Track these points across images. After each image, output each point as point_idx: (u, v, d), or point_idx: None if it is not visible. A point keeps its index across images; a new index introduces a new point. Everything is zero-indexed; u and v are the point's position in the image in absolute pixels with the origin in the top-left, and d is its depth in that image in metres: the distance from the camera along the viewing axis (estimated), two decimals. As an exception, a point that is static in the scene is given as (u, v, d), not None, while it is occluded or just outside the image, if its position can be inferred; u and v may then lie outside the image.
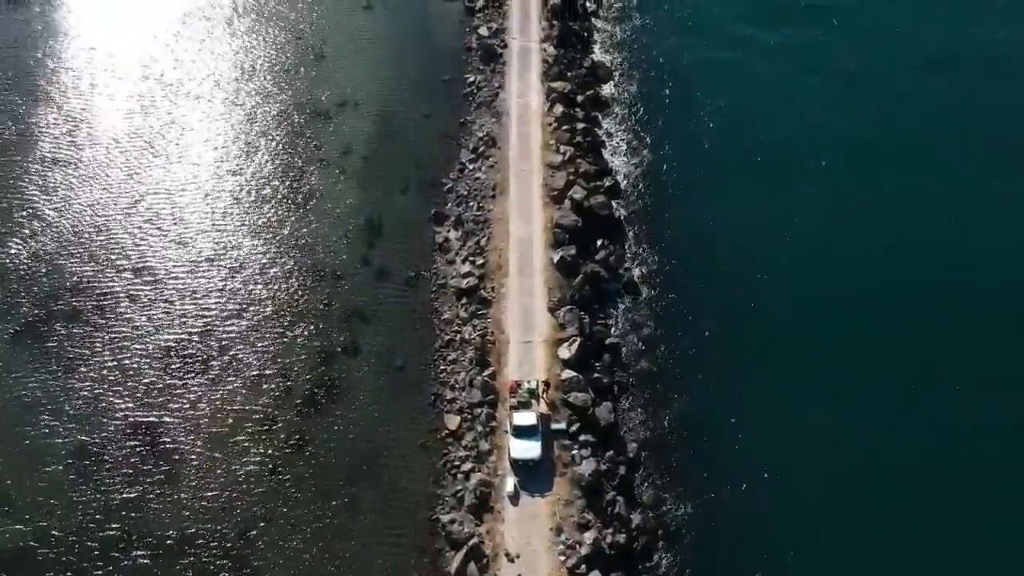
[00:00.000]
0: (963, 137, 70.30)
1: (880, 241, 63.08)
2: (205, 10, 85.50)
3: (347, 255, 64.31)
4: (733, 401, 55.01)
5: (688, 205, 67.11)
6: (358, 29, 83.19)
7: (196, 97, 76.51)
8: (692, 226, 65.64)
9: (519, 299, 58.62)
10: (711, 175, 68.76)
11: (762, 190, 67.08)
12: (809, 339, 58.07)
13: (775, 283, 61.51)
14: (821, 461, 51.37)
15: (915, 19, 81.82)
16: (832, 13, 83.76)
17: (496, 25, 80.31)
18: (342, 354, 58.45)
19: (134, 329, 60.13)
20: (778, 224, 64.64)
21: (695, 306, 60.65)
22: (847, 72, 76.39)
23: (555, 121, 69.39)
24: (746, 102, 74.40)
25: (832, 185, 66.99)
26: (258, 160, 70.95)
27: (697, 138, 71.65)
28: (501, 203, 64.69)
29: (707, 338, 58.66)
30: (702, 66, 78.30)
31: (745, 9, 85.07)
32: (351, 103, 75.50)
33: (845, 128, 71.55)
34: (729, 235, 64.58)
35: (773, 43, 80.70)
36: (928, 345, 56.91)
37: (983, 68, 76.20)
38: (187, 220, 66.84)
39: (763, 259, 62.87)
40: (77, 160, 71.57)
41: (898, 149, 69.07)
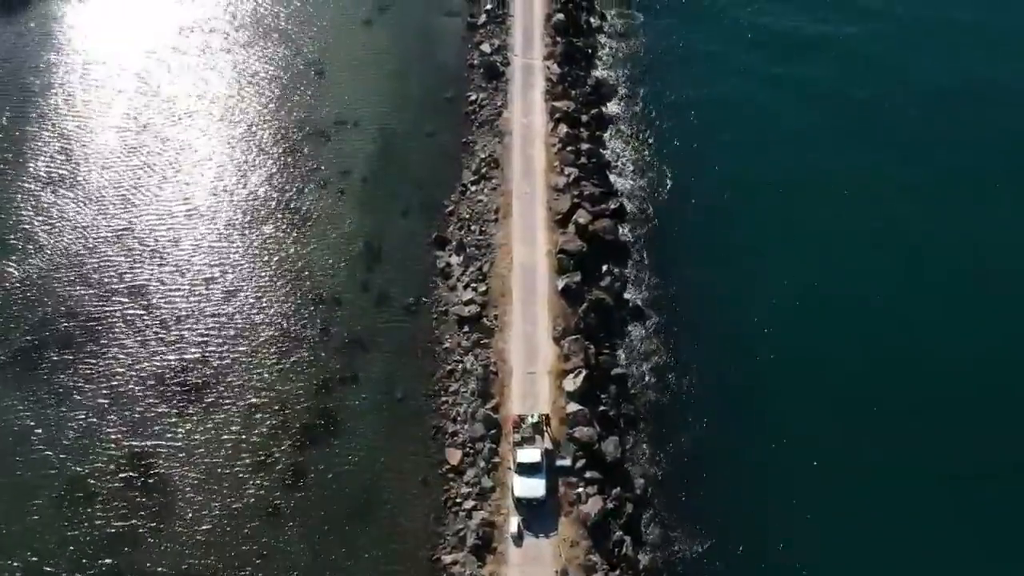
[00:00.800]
0: (980, 169, 69.02)
1: (893, 270, 62.06)
2: (203, 24, 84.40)
3: (346, 280, 63.23)
4: (743, 433, 54.11)
5: (695, 228, 66.13)
6: (358, 44, 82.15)
7: (192, 114, 75.50)
8: (699, 250, 64.74)
9: (522, 328, 57.53)
10: (718, 197, 67.76)
11: (771, 213, 66.10)
12: (820, 368, 57.22)
13: (785, 310, 60.55)
14: (835, 497, 50.30)
15: (926, 51, 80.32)
16: (845, 37, 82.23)
17: (498, 42, 79.29)
18: (340, 383, 57.41)
19: (128, 355, 59.22)
20: (788, 249, 63.59)
21: (703, 333, 59.65)
22: (859, 98, 75.28)
23: (559, 142, 68.35)
24: (755, 122, 73.45)
25: (843, 211, 66.00)
26: (255, 180, 69.90)
27: (704, 158, 70.62)
28: (504, 227, 63.60)
29: (715, 366, 57.64)
30: (709, 84, 77.26)
31: (754, 27, 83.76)
32: (351, 121, 74.44)
33: (856, 155, 70.56)
34: (737, 259, 63.63)
35: (783, 64, 79.50)
36: (945, 375, 55.85)
37: (1003, 101, 74.57)
38: (181, 242, 65.82)
39: (772, 285, 61.86)
40: (71, 179, 70.66)
41: (911, 178, 67.97)
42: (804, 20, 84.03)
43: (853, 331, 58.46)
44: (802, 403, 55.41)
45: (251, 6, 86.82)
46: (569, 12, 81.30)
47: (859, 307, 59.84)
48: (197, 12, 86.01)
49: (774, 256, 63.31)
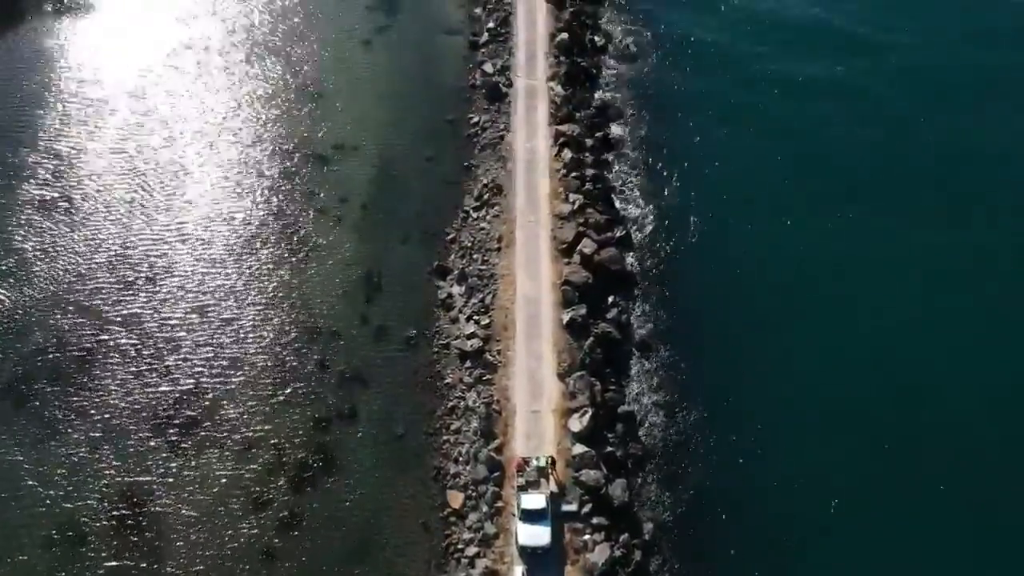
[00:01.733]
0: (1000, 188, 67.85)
1: (911, 302, 60.63)
2: (199, 42, 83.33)
3: (344, 311, 62.00)
4: (754, 473, 52.94)
5: (703, 256, 64.94)
6: (357, 65, 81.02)
7: (188, 136, 74.34)
8: (707, 279, 63.56)
9: (526, 363, 56.28)
10: (727, 225, 66.51)
11: (782, 241, 64.76)
12: (836, 404, 55.99)
13: (797, 343, 59.34)
14: (851, 541, 49.08)
15: (952, 60, 79.07)
16: (862, 52, 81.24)
17: (501, 61, 78.11)
18: (338, 419, 56.24)
19: (120, 386, 58.01)
20: (801, 280, 62.33)
21: (711, 366, 58.48)
22: (874, 134, 73.70)
23: (563, 167, 67.22)
24: (765, 148, 72.04)
25: (859, 241, 64.57)
26: (251, 206, 68.71)
27: (712, 184, 69.41)
28: (507, 257, 62.37)
29: (725, 402, 56.52)
30: (718, 105, 76.02)
31: (765, 46, 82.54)
32: (349, 145, 73.26)
33: (875, 179, 69.24)
34: (747, 290, 62.36)
35: (796, 83, 78.13)
36: (964, 415, 54.51)
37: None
38: (175, 269, 64.70)
39: (784, 316, 60.67)
40: (64, 203, 69.34)
41: (935, 203, 66.53)
42: (819, 47, 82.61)
43: (871, 368, 57.21)
44: (817, 441, 54.29)
45: (248, 24, 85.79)
46: (573, 31, 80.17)
47: (876, 341, 58.55)
48: (194, 30, 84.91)
49: (786, 286, 62.11)
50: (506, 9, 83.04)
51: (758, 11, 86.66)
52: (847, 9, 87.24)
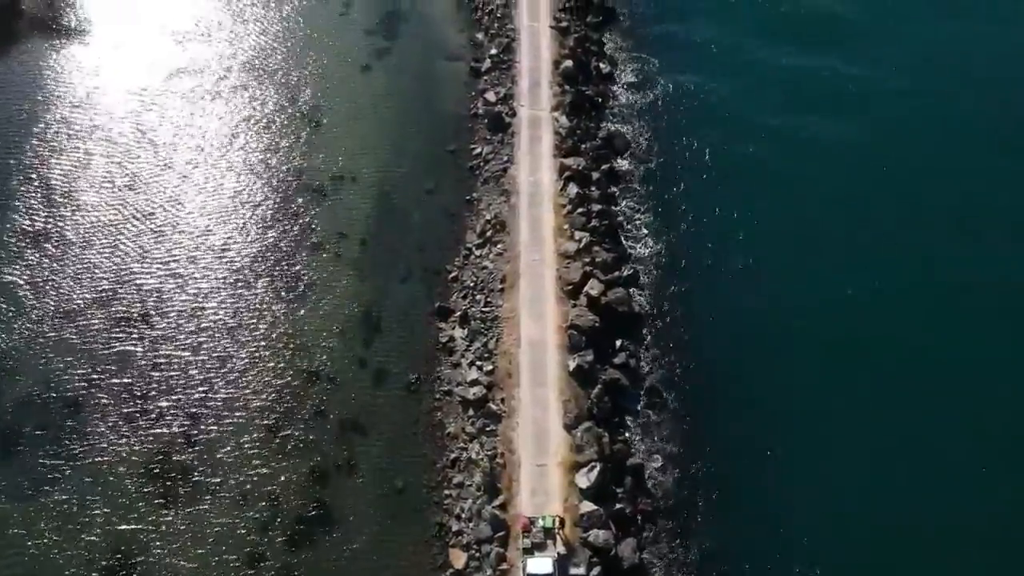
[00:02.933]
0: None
1: (925, 344, 59.13)
2: (196, 67, 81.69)
3: (342, 353, 60.53)
4: (769, 528, 51.36)
5: (713, 296, 63.46)
6: (356, 91, 79.49)
7: (182, 164, 72.60)
8: (717, 321, 62.09)
9: (531, 412, 54.70)
10: (737, 262, 65.07)
11: (794, 279, 63.23)
12: (852, 453, 54.34)
13: (810, 388, 57.64)
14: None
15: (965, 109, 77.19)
16: (876, 96, 78.93)
17: (504, 90, 76.54)
18: (336, 470, 54.81)
19: (111, 430, 56.58)
20: (814, 320, 60.63)
21: (722, 414, 57.19)
22: (885, 163, 72.28)
23: (569, 203, 65.72)
24: (776, 180, 70.44)
25: (873, 284, 62.94)
26: (247, 241, 67.14)
27: (723, 219, 67.88)
28: (511, 298, 60.77)
29: (737, 452, 55.09)
30: (729, 137, 74.21)
31: (776, 70, 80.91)
32: (348, 176, 71.76)
33: (888, 221, 67.71)
34: (758, 332, 60.90)
35: (807, 121, 76.54)
36: (983, 455, 53.05)
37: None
38: (167, 307, 63.20)
39: (797, 359, 59.02)
40: (56, 235, 67.71)
41: (946, 247, 64.96)
42: (829, 73, 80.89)
43: (888, 414, 55.67)
44: (834, 493, 52.73)
45: (246, 48, 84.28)
46: (578, 58, 78.60)
47: (892, 386, 56.93)
48: (189, 54, 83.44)
49: (799, 328, 60.38)
50: (509, 35, 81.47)
51: (767, 35, 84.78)
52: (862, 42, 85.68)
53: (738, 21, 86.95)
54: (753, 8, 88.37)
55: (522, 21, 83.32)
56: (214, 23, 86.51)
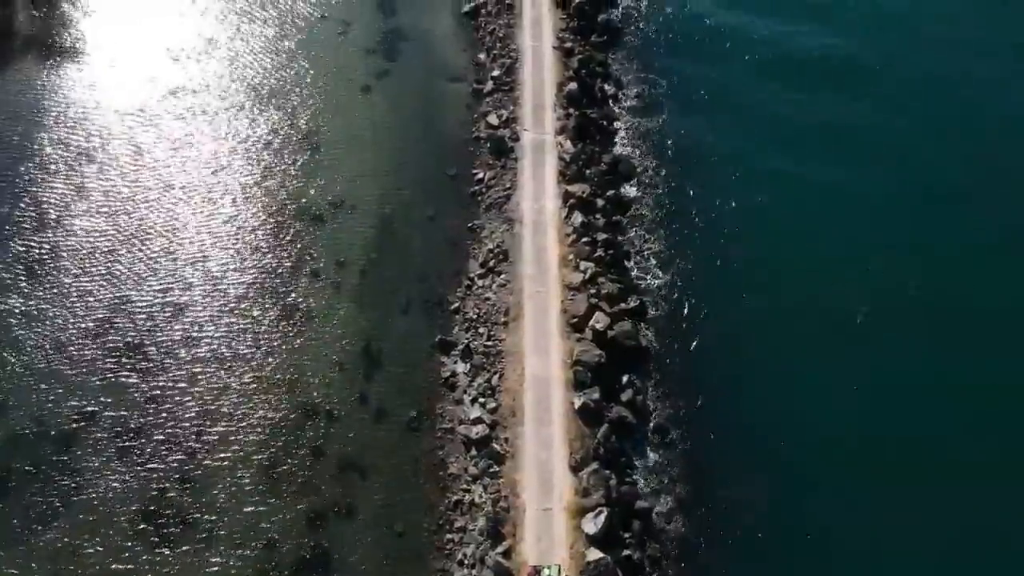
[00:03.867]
0: None
1: (953, 385, 57.69)
2: (191, 89, 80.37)
3: (341, 389, 59.20)
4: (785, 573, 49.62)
5: (722, 329, 62.09)
6: (356, 114, 78.29)
7: (177, 190, 71.45)
8: (727, 355, 60.72)
9: (536, 453, 53.38)
10: (749, 294, 63.54)
11: (808, 316, 61.83)
12: (865, 500, 52.82)
13: (826, 428, 56.12)
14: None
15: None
16: (888, 131, 77.13)
17: (506, 113, 75.33)
18: (335, 514, 53.42)
19: (104, 467, 55.17)
20: (828, 358, 59.22)
21: (733, 454, 55.74)
22: (899, 204, 70.40)
23: (574, 232, 64.46)
24: (790, 207, 68.94)
25: (890, 317, 61.63)
26: (242, 269, 65.89)
27: (733, 247, 66.36)
28: (515, 332, 59.49)
29: (748, 495, 53.51)
30: (738, 161, 72.85)
31: (789, 94, 79.53)
32: (347, 203, 70.48)
33: (901, 249, 66.15)
34: (769, 367, 59.43)
35: (825, 137, 75.05)
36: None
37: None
38: (161, 337, 61.87)
39: (811, 397, 57.56)
40: (49, 262, 66.38)
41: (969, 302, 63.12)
42: (846, 98, 79.57)
43: (909, 453, 54.28)
44: (846, 540, 51.20)
45: (243, 68, 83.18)
46: (582, 80, 77.44)
47: (924, 426, 55.57)
48: (186, 74, 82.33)
49: (814, 365, 58.88)
50: (511, 56, 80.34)
51: (779, 56, 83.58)
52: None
53: (748, 42, 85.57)
54: (765, 30, 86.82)
55: (525, 41, 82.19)
56: (210, 43, 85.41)
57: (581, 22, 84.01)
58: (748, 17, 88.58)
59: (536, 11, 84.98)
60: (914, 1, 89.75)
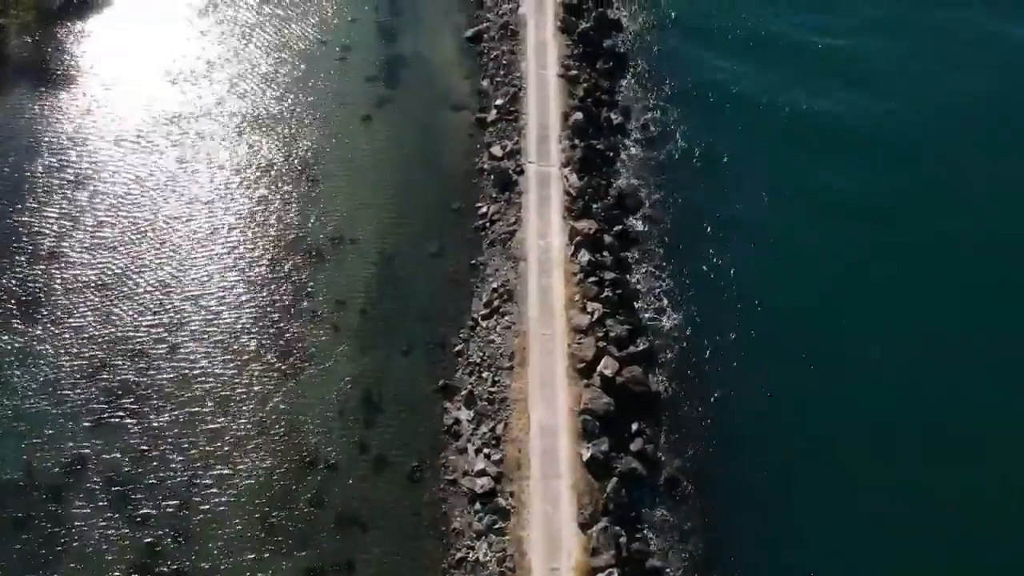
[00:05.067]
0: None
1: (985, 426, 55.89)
2: (186, 116, 78.91)
3: (341, 437, 57.75)
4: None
5: (737, 373, 60.53)
6: (356, 144, 76.75)
7: (171, 226, 69.65)
8: (741, 400, 59.08)
9: (542, 508, 51.73)
10: (764, 334, 61.87)
11: (825, 357, 60.13)
12: (894, 551, 50.97)
13: (847, 477, 54.48)
14: None
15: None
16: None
17: (510, 144, 73.79)
18: (333, 571, 52.20)
19: (97, 516, 53.59)
20: (848, 402, 57.80)
21: (747, 508, 54.06)
22: (916, 237, 68.69)
23: (580, 271, 62.90)
24: (807, 245, 67.22)
25: (909, 358, 60.22)
26: (239, 309, 64.46)
27: (747, 287, 64.58)
28: (520, 377, 57.89)
29: (766, 554, 51.77)
30: (750, 194, 70.89)
31: (803, 121, 77.83)
32: (347, 239, 68.91)
33: (919, 286, 64.42)
34: (785, 412, 57.78)
35: (841, 166, 73.14)
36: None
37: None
38: (152, 380, 60.25)
39: (830, 444, 55.95)
40: (42, 299, 64.74)
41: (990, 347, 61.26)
42: (867, 130, 77.48)
43: (942, 520, 52.38)
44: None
45: (240, 96, 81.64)
46: (588, 109, 75.85)
47: (949, 495, 53.55)
48: (180, 101, 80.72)
49: (831, 410, 57.36)
50: (515, 84, 78.79)
51: (793, 81, 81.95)
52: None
53: (758, 65, 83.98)
54: (775, 52, 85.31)
55: (529, 69, 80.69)
56: (207, 68, 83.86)
57: (586, 48, 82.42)
58: (759, 40, 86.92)
59: (540, 36, 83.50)
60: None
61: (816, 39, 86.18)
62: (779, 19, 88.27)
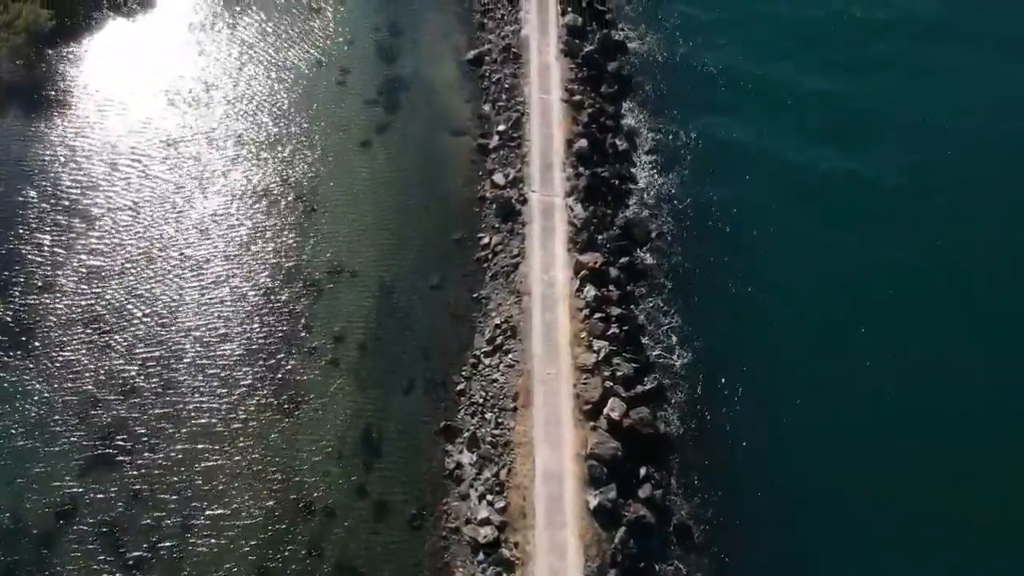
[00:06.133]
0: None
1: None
2: (181, 140, 77.45)
3: (339, 481, 56.25)
4: None
5: (749, 413, 58.79)
6: (355, 171, 75.37)
7: (165, 257, 68.04)
8: (753, 442, 57.50)
9: (548, 560, 50.26)
10: (778, 372, 60.31)
11: (841, 397, 58.65)
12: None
13: (866, 526, 53.05)
14: None
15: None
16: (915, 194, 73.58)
17: (513, 171, 72.32)
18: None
19: (87, 561, 52.05)
20: (867, 446, 56.17)
21: (764, 558, 52.06)
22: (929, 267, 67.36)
23: (585, 306, 61.32)
24: (822, 275, 65.97)
25: (927, 391, 58.89)
26: (232, 344, 62.90)
27: (758, 322, 63.05)
28: (524, 419, 56.34)
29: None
30: (762, 224, 69.24)
31: (815, 148, 76.24)
32: (346, 270, 67.41)
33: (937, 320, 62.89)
34: (803, 454, 56.36)
35: (854, 194, 71.76)
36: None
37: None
38: (148, 416, 58.73)
39: (850, 494, 54.32)
40: (31, 332, 63.25)
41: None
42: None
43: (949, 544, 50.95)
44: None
45: (235, 120, 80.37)
46: (593, 135, 74.39)
47: (954, 531, 52.27)
48: (175, 125, 79.47)
49: (849, 452, 55.80)
50: (518, 109, 77.35)
51: (802, 107, 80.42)
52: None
53: (767, 90, 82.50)
54: (786, 76, 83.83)
55: (532, 92, 79.26)
56: (202, 93, 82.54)
57: (591, 71, 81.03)
58: (767, 64, 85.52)
59: (543, 59, 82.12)
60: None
61: (829, 81, 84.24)
62: (790, 45, 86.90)
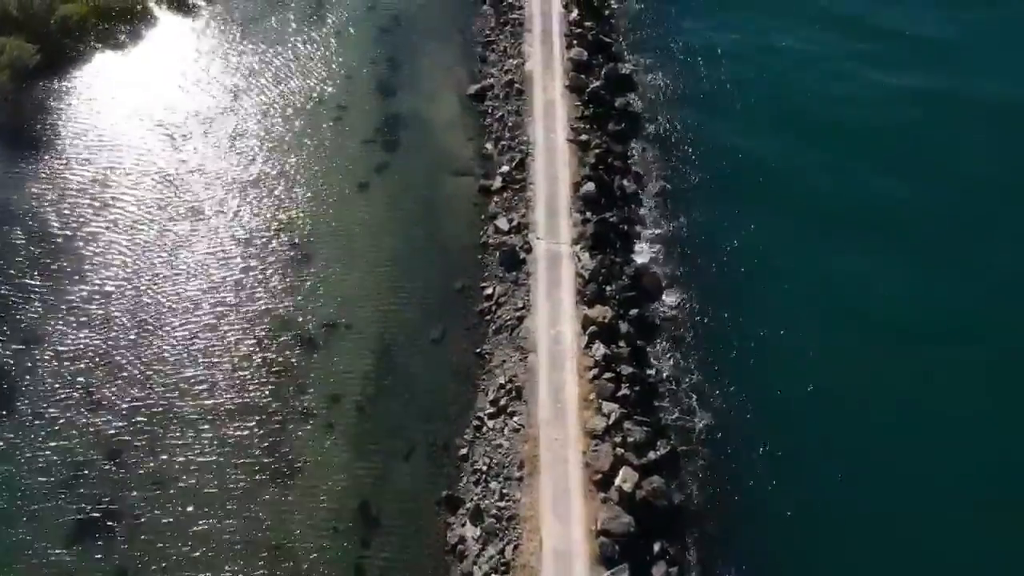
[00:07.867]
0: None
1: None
2: (169, 181, 75.58)
3: (336, 558, 53.71)
4: None
5: (767, 481, 56.24)
6: (352, 215, 73.09)
7: (151, 312, 65.69)
8: (775, 515, 54.63)
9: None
10: (799, 433, 57.51)
11: (867, 472, 55.82)
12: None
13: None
14: None
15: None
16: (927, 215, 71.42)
17: (517, 217, 69.88)
18: None
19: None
20: (887, 522, 53.73)
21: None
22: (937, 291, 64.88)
23: (595, 365, 58.72)
24: (848, 323, 63.16)
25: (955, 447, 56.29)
26: (222, 411, 59.94)
27: (779, 382, 60.30)
28: (530, 490, 53.68)
29: None
30: (778, 272, 66.47)
31: (829, 179, 73.96)
32: (342, 324, 64.96)
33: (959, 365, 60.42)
34: (823, 529, 53.76)
35: (878, 237, 69.23)
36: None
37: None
38: (129, 484, 56.12)
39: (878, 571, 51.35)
40: (23, 372, 61.48)
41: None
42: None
43: None
44: None
45: (227, 160, 78.12)
46: (600, 178, 72.00)
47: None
48: (163, 164, 77.55)
49: (870, 525, 53.22)
50: (522, 149, 75.03)
51: (818, 135, 77.92)
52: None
53: (781, 122, 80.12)
54: (795, 109, 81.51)
55: (537, 131, 76.98)
56: (194, 130, 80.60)
57: (597, 108, 78.72)
58: (777, 95, 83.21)
59: (548, 95, 79.89)
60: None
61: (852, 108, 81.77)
62: (806, 77, 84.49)
